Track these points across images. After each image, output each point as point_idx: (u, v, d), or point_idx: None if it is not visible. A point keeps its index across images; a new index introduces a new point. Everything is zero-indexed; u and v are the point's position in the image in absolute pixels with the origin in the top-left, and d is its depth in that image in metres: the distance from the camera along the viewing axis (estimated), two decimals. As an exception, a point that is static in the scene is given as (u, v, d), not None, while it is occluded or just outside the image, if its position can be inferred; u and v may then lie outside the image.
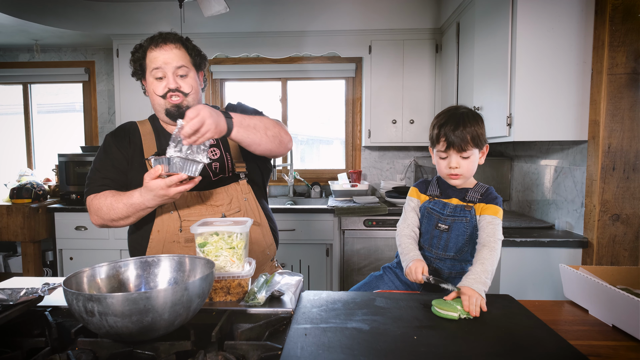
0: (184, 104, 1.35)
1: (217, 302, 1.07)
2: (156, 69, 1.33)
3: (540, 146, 2.33)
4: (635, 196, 1.81)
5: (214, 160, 1.39)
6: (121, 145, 1.41)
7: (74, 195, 3.13)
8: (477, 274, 1.08)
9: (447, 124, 1.20)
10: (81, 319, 0.79)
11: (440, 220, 1.26)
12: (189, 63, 1.38)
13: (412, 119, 3.12)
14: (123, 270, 1.00)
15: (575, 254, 1.93)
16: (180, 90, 1.34)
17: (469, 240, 1.24)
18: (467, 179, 1.25)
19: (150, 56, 1.35)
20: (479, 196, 1.24)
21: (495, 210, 1.20)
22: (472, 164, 1.22)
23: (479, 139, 1.20)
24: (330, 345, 0.83)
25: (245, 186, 1.42)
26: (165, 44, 1.35)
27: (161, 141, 1.41)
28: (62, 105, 3.92)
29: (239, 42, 3.20)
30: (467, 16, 2.53)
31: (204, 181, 1.35)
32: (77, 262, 3.04)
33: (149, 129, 1.45)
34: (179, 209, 1.34)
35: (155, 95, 1.36)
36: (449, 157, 1.22)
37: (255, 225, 1.41)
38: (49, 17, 3.05)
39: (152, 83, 1.36)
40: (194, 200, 1.35)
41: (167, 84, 1.33)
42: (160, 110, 1.38)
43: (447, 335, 0.87)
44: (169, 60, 1.33)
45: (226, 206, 1.37)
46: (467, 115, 1.21)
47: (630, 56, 1.77)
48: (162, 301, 0.78)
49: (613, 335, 0.93)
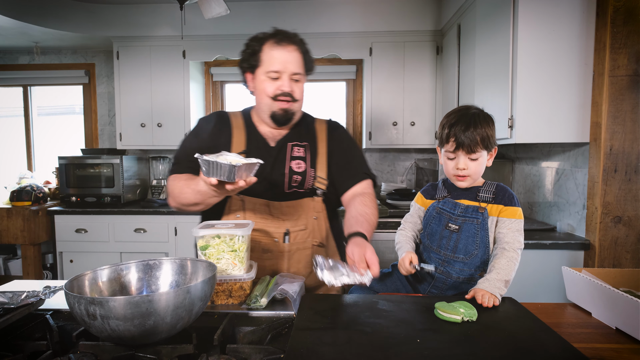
0: (292, 110, 1.32)
1: (219, 305, 1.07)
2: (274, 71, 1.28)
3: (542, 148, 2.33)
4: (637, 198, 1.81)
5: (297, 173, 1.34)
6: (213, 131, 1.37)
7: (74, 198, 3.13)
8: (492, 281, 1.07)
9: (458, 124, 1.18)
10: (83, 322, 0.79)
11: (450, 220, 1.24)
12: (303, 69, 1.34)
13: (413, 121, 3.12)
14: (125, 273, 1.00)
15: (577, 256, 1.92)
16: (291, 95, 1.30)
17: (480, 244, 1.21)
18: (474, 181, 1.23)
19: (268, 53, 1.29)
20: (491, 195, 1.22)
21: (515, 212, 1.19)
22: (480, 165, 1.20)
23: (488, 141, 1.18)
24: (333, 348, 0.82)
25: (319, 204, 1.37)
26: (288, 44, 1.30)
27: (250, 139, 1.36)
28: (62, 107, 3.92)
29: (239, 44, 3.13)
30: (468, 18, 2.53)
31: (276, 190, 1.32)
32: (77, 265, 3.03)
33: (241, 123, 1.39)
34: (246, 213, 1.31)
35: (264, 95, 1.31)
36: (457, 158, 1.20)
37: (319, 246, 1.36)
38: (49, 19, 3.05)
39: (264, 81, 1.30)
40: (261, 208, 1.32)
41: (281, 85, 1.28)
42: (266, 111, 1.33)
43: (450, 339, 0.86)
44: (288, 63, 1.28)
45: (293, 222, 1.33)
46: (478, 116, 1.19)
47: (632, 58, 1.77)
48: (164, 304, 0.78)
49: (616, 337, 0.93)
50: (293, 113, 1.33)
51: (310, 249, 1.35)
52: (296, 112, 1.35)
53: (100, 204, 3.10)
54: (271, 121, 1.35)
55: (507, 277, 1.10)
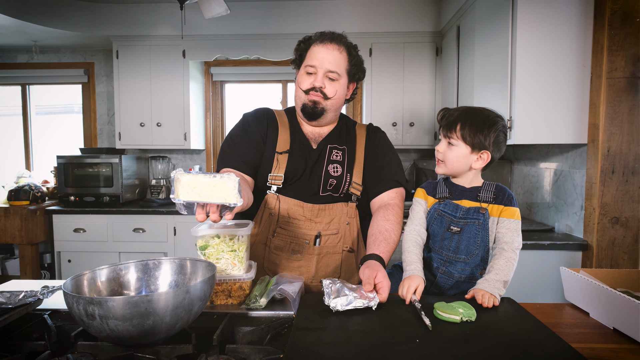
0: (321, 105, 1.32)
1: (218, 305, 1.07)
2: (310, 66, 1.31)
3: (540, 149, 2.34)
4: (635, 199, 1.82)
5: (333, 177, 1.33)
6: (261, 127, 1.37)
7: (72, 197, 3.12)
8: (491, 281, 1.08)
9: (456, 110, 1.22)
10: (81, 322, 0.79)
11: (452, 222, 1.24)
12: (344, 70, 1.33)
13: (412, 122, 3.13)
14: (124, 273, 1.00)
15: (575, 257, 1.93)
16: (323, 92, 1.31)
17: (481, 243, 1.22)
18: (449, 171, 1.25)
19: (312, 50, 1.33)
20: (492, 195, 1.22)
21: (514, 213, 1.20)
22: (457, 157, 1.21)
23: (470, 136, 1.17)
24: (332, 348, 0.82)
25: (352, 210, 1.36)
26: (330, 42, 1.31)
27: (294, 139, 1.37)
28: (60, 106, 3.91)
29: (239, 44, 3.20)
30: (468, 20, 2.53)
31: (312, 192, 1.32)
32: (75, 264, 3.03)
33: (286, 121, 1.41)
34: (280, 214, 1.31)
35: (298, 88, 1.34)
36: (441, 142, 1.24)
37: (349, 252, 1.36)
38: (48, 18, 3.05)
39: (302, 75, 1.34)
40: (295, 209, 1.32)
41: (314, 80, 1.30)
42: (299, 104, 1.36)
43: (449, 339, 0.87)
44: (325, 60, 1.30)
45: (324, 225, 1.32)
46: (477, 113, 1.20)
47: (629, 60, 1.78)
48: (164, 304, 0.78)
49: (614, 338, 0.93)
50: (323, 109, 1.33)
51: (341, 254, 1.35)
52: (327, 109, 1.34)
53: (98, 204, 3.10)
54: (302, 115, 1.36)
55: (506, 278, 1.11)
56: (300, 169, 1.32)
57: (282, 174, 1.30)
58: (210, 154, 3.66)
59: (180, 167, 3.68)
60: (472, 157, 1.21)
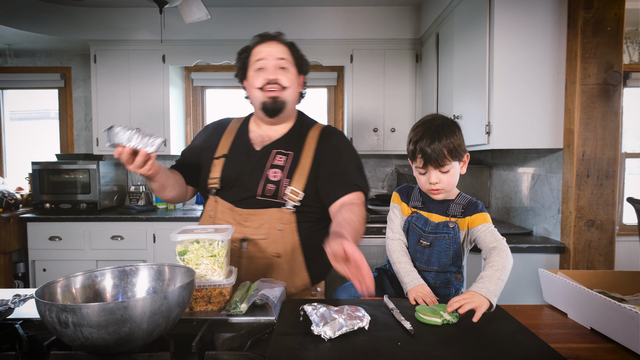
0: (281, 98, 1.33)
1: (198, 311, 1.04)
2: (258, 60, 1.34)
3: (518, 154, 2.39)
4: (609, 202, 1.87)
5: (272, 182, 1.30)
6: (208, 135, 1.46)
7: (48, 205, 3.03)
8: (484, 281, 1.02)
9: (423, 139, 1.15)
10: (54, 330, 0.76)
11: (422, 237, 1.23)
12: (291, 61, 1.38)
13: (394, 128, 3.16)
14: (99, 280, 0.97)
15: (553, 259, 1.97)
16: (278, 83, 1.32)
17: (453, 256, 1.21)
18: (448, 192, 1.22)
19: (255, 50, 1.37)
20: (461, 209, 1.21)
21: (484, 218, 1.18)
22: (453, 177, 1.18)
23: (456, 151, 1.15)
24: (314, 353, 0.81)
25: (287, 216, 1.30)
26: (271, 40, 1.36)
27: (235, 144, 1.40)
28: (35, 112, 3.81)
29: (220, 50, 3.18)
30: (446, 27, 2.58)
31: (249, 195, 1.31)
32: (51, 273, 2.93)
33: (236, 127, 1.45)
34: (217, 215, 1.34)
35: (254, 89, 1.35)
36: (428, 173, 1.17)
37: (277, 257, 1.30)
38: (22, 20, 2.97)
39: (252, 77, 1.36)
40: (226, 212, 1.32)
41: (266, 74, 1.32)
42: (257, 106, 1.36)
43: (431, 341, 0.87)
44: (272, 53, 1.33)
45: (253, 229, 1.30)
46: (443, 127, 1.15)
47: (602, 67, 1.84)
48: (141, 311, 0.76)
49: (591, 337, 0.95)
50: (283, 102, 1.33)
51: (269, 259, 1.31)
52: (287, 101, 1.34)
53: (75, 211, 3.01)
54: (264, 114, 1.36)
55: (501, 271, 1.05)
56: (235, 173, 1.33)
57: (217, 177, 1.35)
58: (192, 159, 3.62)
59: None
60: (459, 166, 1.20)
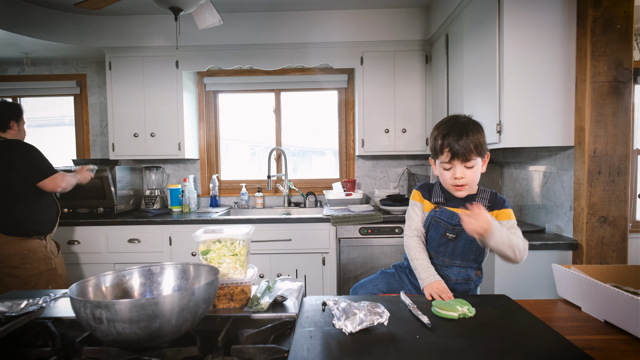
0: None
1: (221, 309, 1.08)
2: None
3: (529, 152, 2.40)
4: (621, 199, 1.87)
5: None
6: None
7: (66, 209, 3.10)
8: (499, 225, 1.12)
9: (450, 134, 1.19)
10: (88, 326, 0.80)
11: (448, 229, 1.26)
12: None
13: (405, 128, 3.18)
14: (127, 279, 1.01)
15: (565, 256, 1.97)
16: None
17: (476, 249, 1.25)
18: (471, 188, 1.25)
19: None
20: (487, 203, 1.24)
21: (509, 214, 1.23)
22: (476, 173, 1.22)
23: (481, 148, 1.20)
24: (335, 346, 0.84)
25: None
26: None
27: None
28: (51, 119, 3.89)
29: (232, 54, 3.23)
30: (456, 28, 2.60)
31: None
32: (71, 276, 3.00)
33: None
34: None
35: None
36: (454, 168, 1.21)
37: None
38: (39, 30, 3.05)
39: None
40: None
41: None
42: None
43: (448, 334, 0.89)
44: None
45: None
46: (469, 124, 1.21)
47: (612, 65, 1.85)
48: (170, 306, 0.79)
49: (605, 329, 0.97)
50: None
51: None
52: None
53: (92, 215, 3.08)
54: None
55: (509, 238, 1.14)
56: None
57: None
58: (205, 163, 3.67)
59: (174, 177, 3.68)
60: (481, 163, 1.24)
